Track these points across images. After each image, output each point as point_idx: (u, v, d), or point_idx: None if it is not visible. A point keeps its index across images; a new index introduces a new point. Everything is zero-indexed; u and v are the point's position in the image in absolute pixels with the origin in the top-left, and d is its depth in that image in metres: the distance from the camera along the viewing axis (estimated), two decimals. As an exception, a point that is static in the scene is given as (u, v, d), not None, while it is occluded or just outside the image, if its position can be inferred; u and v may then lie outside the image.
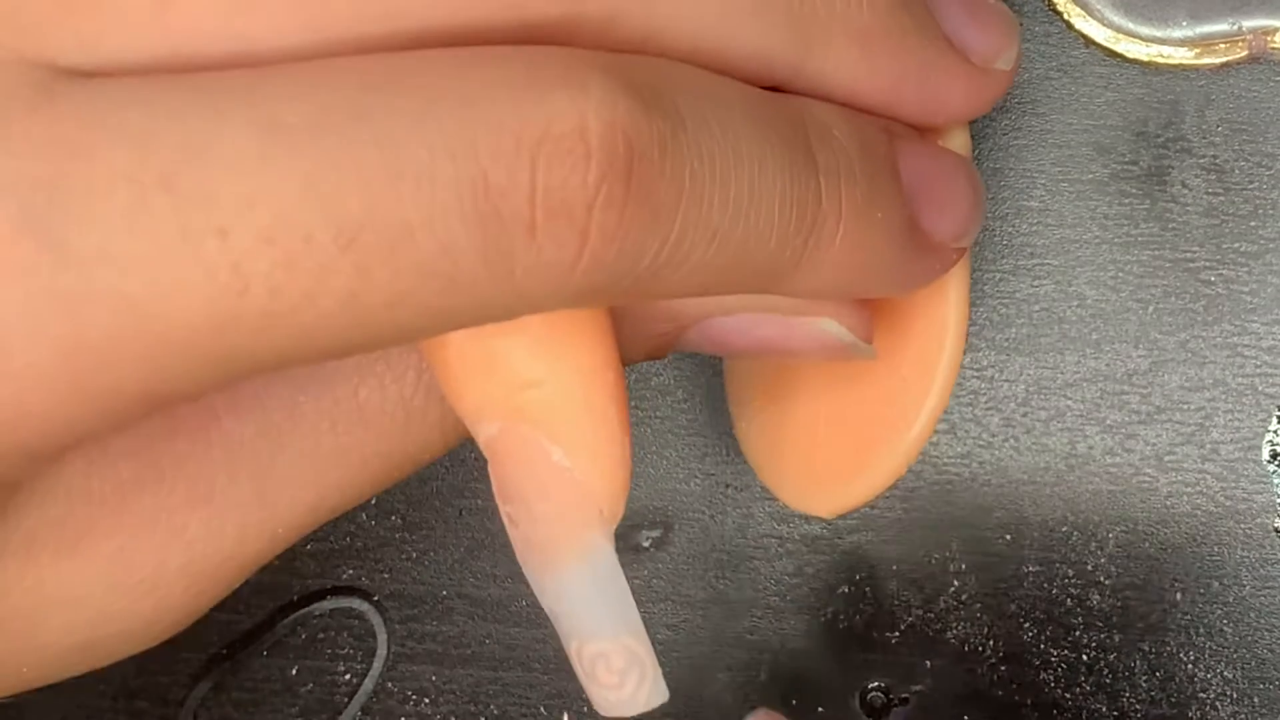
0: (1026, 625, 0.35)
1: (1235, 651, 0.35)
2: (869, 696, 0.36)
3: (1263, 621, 0.35)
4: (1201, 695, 0.35)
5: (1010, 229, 0.35)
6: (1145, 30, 0.33)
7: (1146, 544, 0.35)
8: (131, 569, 0.23)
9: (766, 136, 0.22)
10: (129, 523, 0.23)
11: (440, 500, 0.36)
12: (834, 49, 0.23)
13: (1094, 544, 0.35)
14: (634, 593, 0.36)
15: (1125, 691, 0.35)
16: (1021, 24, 0.34)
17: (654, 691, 0.24)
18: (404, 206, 0.19)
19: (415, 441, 0.25)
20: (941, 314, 0.26)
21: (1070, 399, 0.35)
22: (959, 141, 0.26)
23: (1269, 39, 0.32)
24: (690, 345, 0.26)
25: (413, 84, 0.19)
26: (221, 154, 0.19)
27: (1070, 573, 0.35)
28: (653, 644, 0.24)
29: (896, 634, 0.35)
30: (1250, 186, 0.34)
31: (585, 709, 0.37)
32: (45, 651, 0.24)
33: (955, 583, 0.35)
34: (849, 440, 0.27)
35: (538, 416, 0.23)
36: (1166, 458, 0.35)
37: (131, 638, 0.24)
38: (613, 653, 0.23)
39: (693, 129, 0.21)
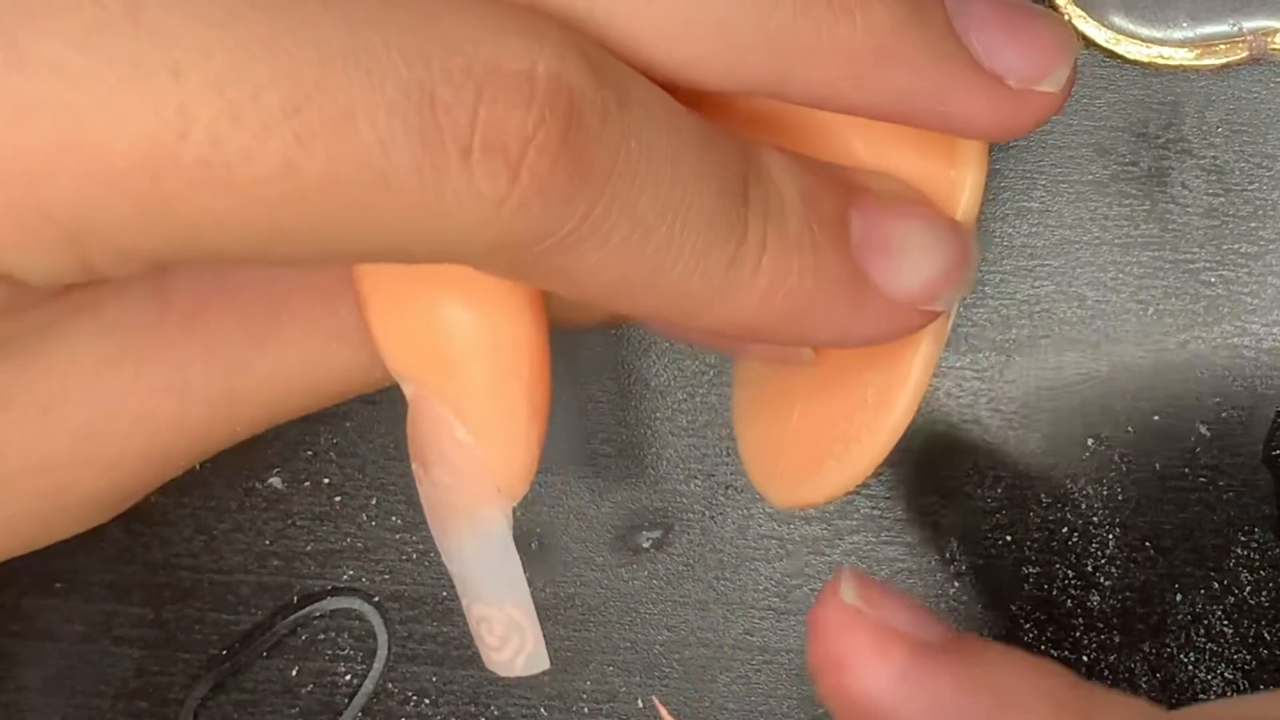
0: (1027, 626, 0.35)
1: (1235, 652, 0.35)
2: (869, 697, 0.36)
3: (1263, 622, 0.35)
4: (1202, 696, 0.35)
5: (1011, 230, 0.35)
6: (1145, 31, 0.33)
7: (1146, 545, 0.35)
8: (96, 445, 0.24)
9: (708, 154, 0.22)
10: (102, 399, 0.24)
11: (440, 501, 0.36)
12: (820, 70, 0.23)
13: (1094, 545, 0.35)
14: (634, 593, 0.36)
15: (1125, 689, 0.35)
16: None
17: (533, 659, 0.25)
18: (352, 90, 0.19)
19: (380, 362, 0.25)
20: (911, 352, 0.26)
21: (1071, 400, 0.35)
22: (975, 154, 0.26)
23: (1269, 40, 0.33)
24: (647, 325, 0.26)
25: None
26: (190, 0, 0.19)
27: (1070, 574, 0.35)
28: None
29: (897, 635, 0.35)
30: (1250, 187, 0.34)
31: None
32: (2, 513, 0.24)
33: (955, 583, 0.35)
34: (811, 444, 0.28)
35: (447, 393, 0.24)
36: (1167, 458, 0.35)
37: (84, 512, 0.25)
38: (495, 618, 0.25)
39: (638, 114, 0.21)
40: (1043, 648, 0.35)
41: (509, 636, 0.25)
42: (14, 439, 0.23)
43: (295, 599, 0.37)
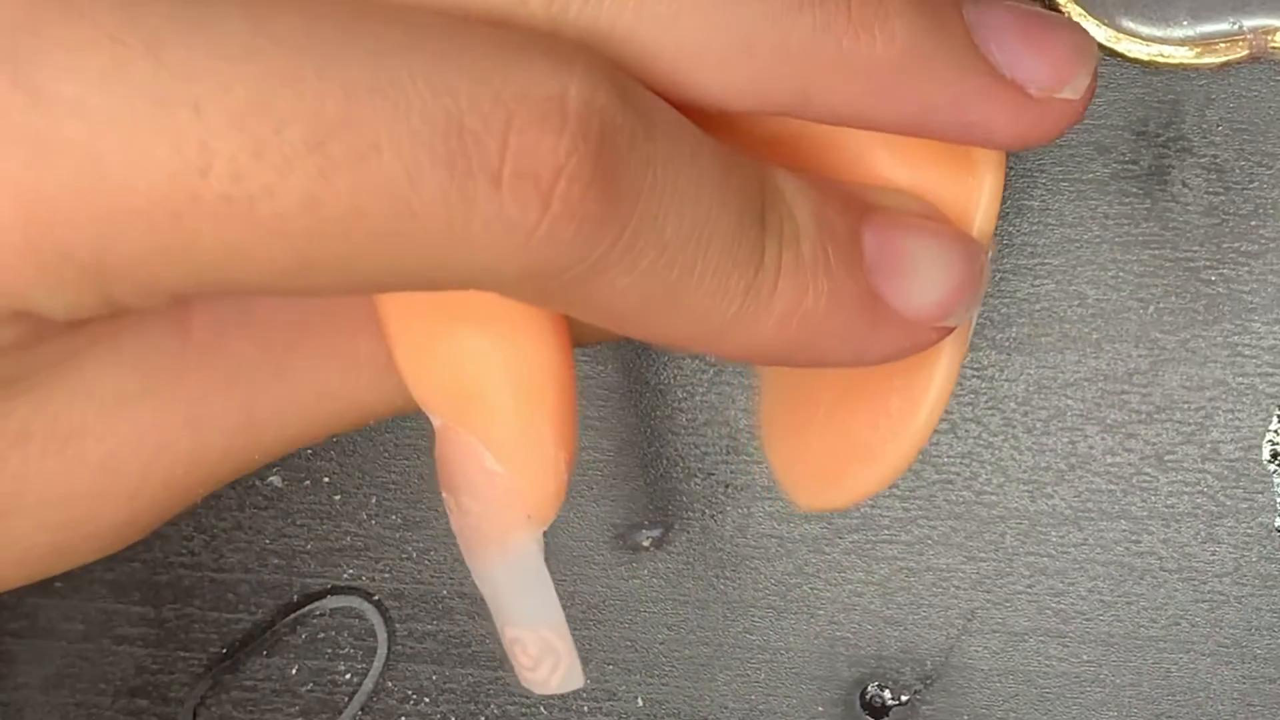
0: (1026, 624, 0.35)
1: (1235, 651, 0.35)
2: (869, 696, 0.36)
3: (1263, 621, 0.35)
4: (1201, 695, 0.35)
5: (1011, 228, 0.35)
6: (1146, 30, 0.33)
7: (1147, 543, 0.35)
8: (116, 478, 0.24)
9: (728, 179, 0.22)
10: (122, 432, 0.24)
11: (440, 499, 0.36)
12: (841, 88, 0.23)
13: (1094, 543, 0.35)
14: (633, 592, 0.36)
15: (1126, 691, 0.35)
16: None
17: (567, 678, 0.25)
18: (376, 121, 0.19)
19: (403, 392, 0.25)
20: (933, 362, 0.27)
21: (1070, 398, 0.35)
22: (992, 161, 0.25)
23: (1269, 38, 0.32)
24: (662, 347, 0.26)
25: (404, 21, 0.20)
26: (210, 36, 0.19)
27: (1071, 572, 0.35)
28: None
29: (897, 634, 0.35)
30: (1251, 186, 0.34)
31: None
32: (16, 547, 0.24)
33: (955, 582, 0.35)
34: (836, 449, 0.28)
35: (474, 424, 0.24)
36: (1167, 457, 0.35)
37: (101, 541, 0.25)
38: (529, 640, 0.25)
39: (662, 141, 0.21)
40: (1042, 645, 0.35)
41: (543, 657, 0.25)
42: (35, 472, 0.23)
43: (295, 597, 0.37)
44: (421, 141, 0.19)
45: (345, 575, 0.37)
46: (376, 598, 0.37)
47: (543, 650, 0.25)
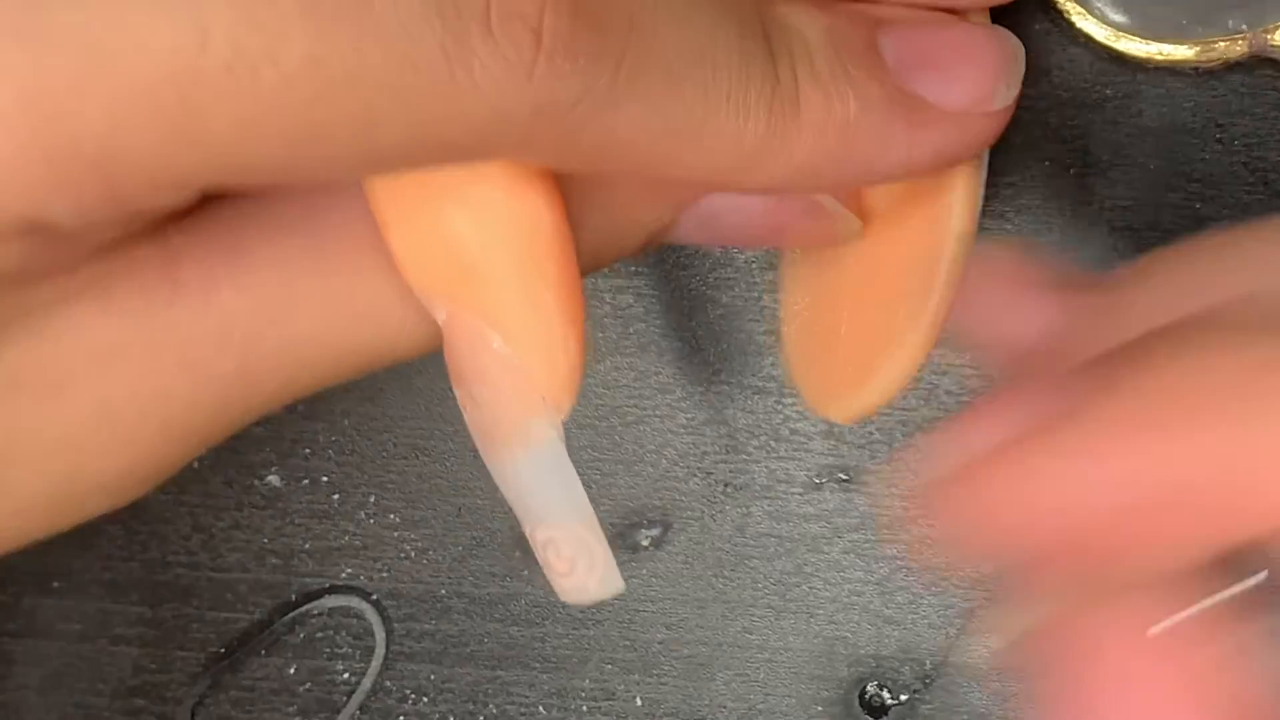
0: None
1: (1235, 651, 0.35)
2: (868, 696, 0.36)
3: (1262, 621, 0.35)
4: (1201, 694, 0.35)
5: (1010, 227, 0.35)
6: (1145, 29, 0.33)
7: (1146, 543, 0.35)
8: (111, 426, 0.24)
9: (720, 3, 0.23)
10: (114, 380, 0.24)
11: (439, 498, 0.36)
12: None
13: (1093, 543, 0.35)
14: (632, 591, 0.36)
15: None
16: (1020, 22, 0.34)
17: (605, 580, 0.24)
18: None
19: (406, 340, 0.25)
20: (945, 217, 0.26)
21: (1070, 397, 0.35)
22: None
23: (1269, 37, 0.32)
24: (684, 235, 0.26)
25: None
26: None
27: (1069, 571, 0.35)
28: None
29: (896, 633, 0.35)
30: (1247, 186, 0.34)
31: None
32: (14, 497, 0.24)
33: (954, 581, 0.35)
34: (861, 349, 0.27)
35: (476, 303, 0.23)
36: (1166, 456, 0.35)
37: (103, 491, 0.24)
38: (562, 540, 0.24)
39: None
40: (1042, 646, 0.35)
41: (577, 558, 0.24)
42: (28, 420, 0.23)
43: (293, 597, 0.37)
44: None
45: (343, 575, 0.37)
46: (375, 597, 0.37)
47: (577, 550, 0.24)
